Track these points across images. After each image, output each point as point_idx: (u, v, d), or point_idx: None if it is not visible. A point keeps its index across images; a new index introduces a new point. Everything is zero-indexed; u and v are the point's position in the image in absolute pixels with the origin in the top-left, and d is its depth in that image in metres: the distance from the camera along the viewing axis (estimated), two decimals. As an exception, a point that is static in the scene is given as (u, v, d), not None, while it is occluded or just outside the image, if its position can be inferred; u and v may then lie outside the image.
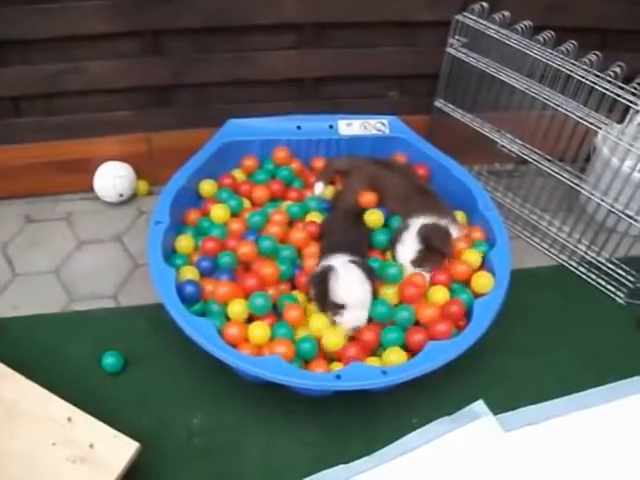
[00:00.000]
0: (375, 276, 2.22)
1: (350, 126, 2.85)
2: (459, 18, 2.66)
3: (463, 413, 2.10)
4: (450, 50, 2.74)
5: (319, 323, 2.13)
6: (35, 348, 2.23)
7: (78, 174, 2.83)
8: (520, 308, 2.45)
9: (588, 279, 2.66)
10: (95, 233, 2.72)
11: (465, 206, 2.63)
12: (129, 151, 2.85)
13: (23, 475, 1.75)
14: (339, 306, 2.10)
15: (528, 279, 2.58)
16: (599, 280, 2.64)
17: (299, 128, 2.83)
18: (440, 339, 2.10)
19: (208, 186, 2.62)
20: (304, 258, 2.40)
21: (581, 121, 2.44)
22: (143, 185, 2.91)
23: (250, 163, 2.77)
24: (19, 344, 2.23)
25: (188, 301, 2.14)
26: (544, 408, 2.15)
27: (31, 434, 1.83)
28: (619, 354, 2.39)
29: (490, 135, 2.78)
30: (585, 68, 2.39)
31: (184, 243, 2.39)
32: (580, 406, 2.16)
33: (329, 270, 2.14)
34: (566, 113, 2.47)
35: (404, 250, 2.36)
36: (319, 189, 2.68)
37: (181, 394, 2.16)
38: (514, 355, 2.36)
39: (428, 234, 2.35)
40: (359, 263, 2.18)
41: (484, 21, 2.61)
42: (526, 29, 2.53)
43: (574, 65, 2.41)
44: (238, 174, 2.75)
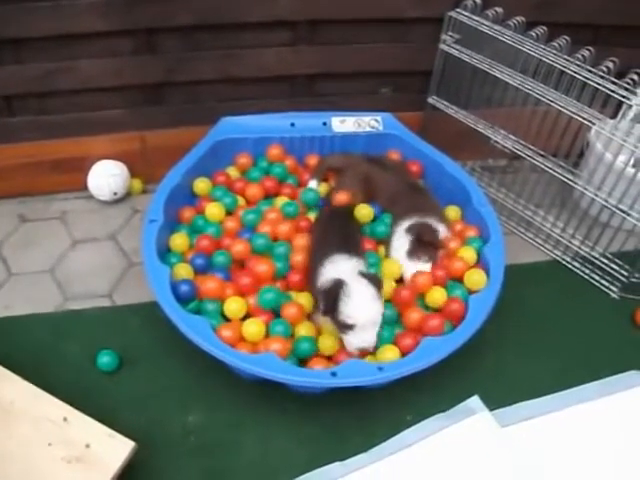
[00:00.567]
0: (382, 285, 2.10)
1: (344, 123, 2.85)
2: (452, 14, 2.67)
3: (459, 409, 2.10)
4: (443, 46, 2.75)
5: (329, 342, 2.13)
6: (30, 348, 2.23)
7: (72, 173, 2.83)
8: (515, 303, 2.46)
9: (582, 274, 2.67)
10: (89, 232, 2.72)
11: (459, 202, 2.64)
12: (123, 149, 2.85)
13: (19, 476, 1.75)
14: (348, 326, 1.98)
15: (522, 274, 2.59)
16: (593, 275, 2.65)
17: (293, 125, 2.83)
18: (433, 334, 2.10)
19: (202, 184, 2.61)
20: (293, 252, 2.39)
21: (574, 116, 2.45)
22: (137, 183, 2.91)
23: (244, 161, 2.78)
24: (14, 344, 2.22)
25: (183, 300, 2.14)
26: (539, 403, 2.15)
27: (27, 434, 1.82)
28: (613, 348, 2.39)
29: (484, 131, 2.79)
30: (578, 63, 2.39)
31: (178, 241, 2.39)
32: (575, 401, 2.16)
33: (340, 286, 1.99)
34: (559, 108, 2.47)
35: (398, 245, 2.38)
36: (313, 186, 2.69)
37: (177, 392, 2.16)
38: (509, 351, 2.36)
39: (418, 229, 2.37)
40: (370, 277, 2.04)
41: (477, 17, 2.61)
42: (519, 25, 2.54)
43: (567, 61, 2.42)
44: (232, 172, 2.76)
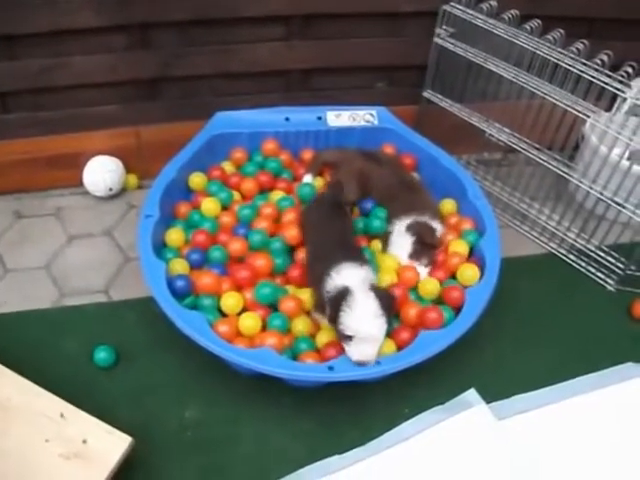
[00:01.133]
0: (393, 302, 2.06)
1: (339, 117, 2.85)
2: (446, 8, 2.67)
3: (455, 402, 2.10)
4: (437, 40, 2.75)
5: (325, 338, 2.13)
6: (26, 344, 2.23)
7: (67, 169, 2.82)
8: (511, 296, 2.46)
9: (578, 267, 2.67)
10: (85, 228, 2.71)
11: (454, 195, 2.64)
12: (118, 145, 2.84)
13: (17, 472, 1.75)
14: (346, 337, 1.95)
15: (518, 267, 2.59)
16: (589, 267, 2.65)
17: (287, 120, 2.83)
18: (432, 327, 2.10)
19: (198, 179, 2.61)
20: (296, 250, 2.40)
21: (569, 109, 2.45)
22: (132, 179, 2.90)
23: (239, 155, 2.78)
24: (10, 340, 2.22)
25: (179, 295, 2.14)
26: (536, 396, 2.16)
27: (24, 431, 1.82)
28: (610, 341, 2.40)
29: (478, 124, 2.79)
30: (572, 56, 2.39)
31: (174, 236, 2.39)
32: (572, 393, 2.17)
33: (344, 296, 1.97)
34: (554, 101, 2.48)
35: (398, 245, 2.39)
36: (308, 181, 2.68)
37: (174, 388, 2.16)
38: (506, 344, 2.36)
39: (419, 231, 2.38)
40: (380, 293, 1.99)
41: (471, 11, 2.61)
42: (513, 18, 2.54)
43: (561, 54, 2.42)
44: (227, 166, 2.75)
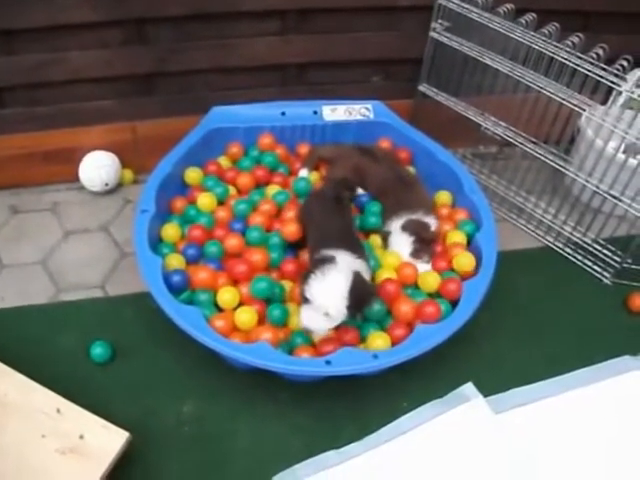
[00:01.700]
0: (366, 299, 2.03)
1: (334, 111, 2.85)
2: (441, 2, 2.67)
3: (453, 396, 2.11)
4: (433, 34, 2.75)
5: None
6: (23, 340, 2.23)
7: (63, 164, 2.82)
8: (507, 290, 2.47)
9: (575, 260, 2.68)
10: (81, 223, 2.71)
11: (451, 189, 2.65)
12: (114, 140, 2.84)
13: (13, 468, 1.75)
14: (304, 298, 1.95)
15: (515, 261, 2.60)
16: (585, 261, 2.66)
17: (283, 114, 2.83)
18: (429, 321, 2.11)
19: (194, 174, 2.61)
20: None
21: (565, 103, 2.45)
22: (128, 174, 2.90)
23: (235, 150, 2.78)
24: (6, 336, 2.22)
25: (175, 290, 2.14)
26: (533, 389, 2.16)
27: (20, 427, 1.83)
28: (606, 334, 2.41)
29: (474, 118, 2.79)
30: (568, 50, 2.40)
31: (170, 231, 2.39)
32: (569, 386, 2.17)
33: (325, 262, 1.98)
34: (550, 95, 2.48)
35: (398, 244, 2.39)
36: (303, 175, 2.68)
37: (170, 383, 2.16)
38: (503, 337, 2.37)
39: (417, 230, 2.38)
40: (359, 283, 1.96)
41: (466, 4, 2.61)
42: (508, 12, 2.54)
43: (557, 47, 2.42)
44: (223, 161, 2.76)
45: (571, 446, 2.03)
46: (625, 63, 2.29)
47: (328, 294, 1.92)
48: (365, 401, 2.15)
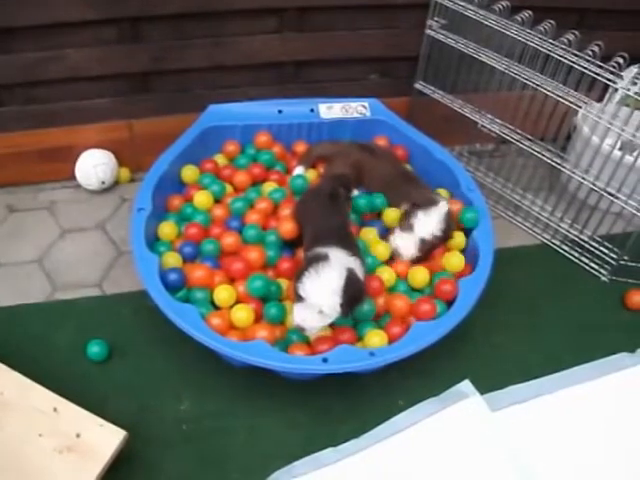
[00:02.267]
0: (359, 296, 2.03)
1: (331, 109, 2.85)
2: (438, 0, 2.67)
3: (450, 393, 2.10)
4: (429, 32, 2.75)
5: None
6: (19, 338, 2.23)
7: (60, 162, 2.82)
8: (504, 287, 2.47)
9: (571, 257, 2.68)
10: (78, 221, 2.71)
11: (447, 187, 2.64)
12: (110, 138, 2.84)
13: (10, 467, 1.75)
14: (299, 296, 1.96)
15: (512, 258, 2.60)
16: (582, 258, 2.66)
17: (280, 112, 2.83)
18: (424, 319, 2.11)
19: (190, 172, 2.62)
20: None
21: (561, 100, 2.46)
22: (125, 172, 2.90)
23: (232, 148, 2.78)
24: (3, 335, 2.22)
25: (172, 288, 2.14)
26: (530, 386, 2.15)
27: (17, 426, 1.82)
28: (604, 331, 2.41)
29: (471, 116, 2.79)
30: (564, 47, 2.40)
31: (167, 230, 2.39)
32: (566, 384, 2.16)
33: (319, 260, 1.98)
34: (546, 92, 2.48)
35: (422, 227, 2.35)
36: (300, 173, 2.68)
37: (167, 381, 2.16)
38: (499, 334, 2.37)
39: (448, 217, 2.37)
40: (352, 278, 1.97)
41: (462, 2, 2.61)
42: (504, 9, 2.54)
43: (553, 45, 2.42)
44: (220, 159, 2.76)
45: (568, 443, 2.02)
46: (621, 60, 2.29)
47: (322, 292, 1.92)
48: (363, 398, 2.15)
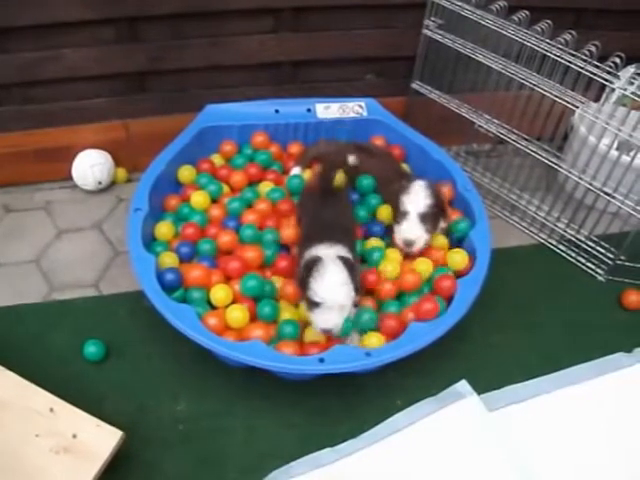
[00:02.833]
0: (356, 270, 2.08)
1: (328, 109, 2.85)
2: (435, -1, 2.67)
3: (447, 393, 2.10)
4: (426, 32, 2.75)
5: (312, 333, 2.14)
6: (16, 339, 2.22)
7: (56, 163, 2.81)
8: (501, 287, 2.47)
9: (568, 257, 2.68)
10: (74, 222, 2.71)
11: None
12: (107, 138, 2.84)
13: (7, 468, 1.75)
14: (314, 304, 1.98)
15: (508, 258, 2.60)
16: (579, 258, 2.66)
17: (277, 112, 2.83)
18: (426, 318, 2.12)
19: (187, 172, 2.61)
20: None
21: (558, 100, 2.46)
22: (122, 172, 2.90)
23: (229, 148, 2.78)
24: None
25: (169, 288, 2.14)
26: (528, 386, 2.15)
27: (14, 426, 1.82)
28: (601, 331, 2.41)
29: (467, 115, 2.79)
30: (560, 47, 2.40)
31: (164, 230, 2.39)
32: (564, 383, 2.17)
33: (315, 263, 2.00)
34: (543, 92, 2.48)
35: (413, 204, 2.32)
36: (297, 173, 2.68)
37: (164, 381, 2.16)
38: (497, 334, 2.37)
39: (435, 189, 2.35)
40: (345, 260, 2.02)
41: (459, 2, 2.61)
42: (501, 9, 2.54)
43: (549, 44, 2.42)
44: (217, 159, 2.76)
45: (566, 443, 2.02)
46: (618, 60, 2.29)
47: (334, 289, 1.95)
48: (360, 399, 2.15)
